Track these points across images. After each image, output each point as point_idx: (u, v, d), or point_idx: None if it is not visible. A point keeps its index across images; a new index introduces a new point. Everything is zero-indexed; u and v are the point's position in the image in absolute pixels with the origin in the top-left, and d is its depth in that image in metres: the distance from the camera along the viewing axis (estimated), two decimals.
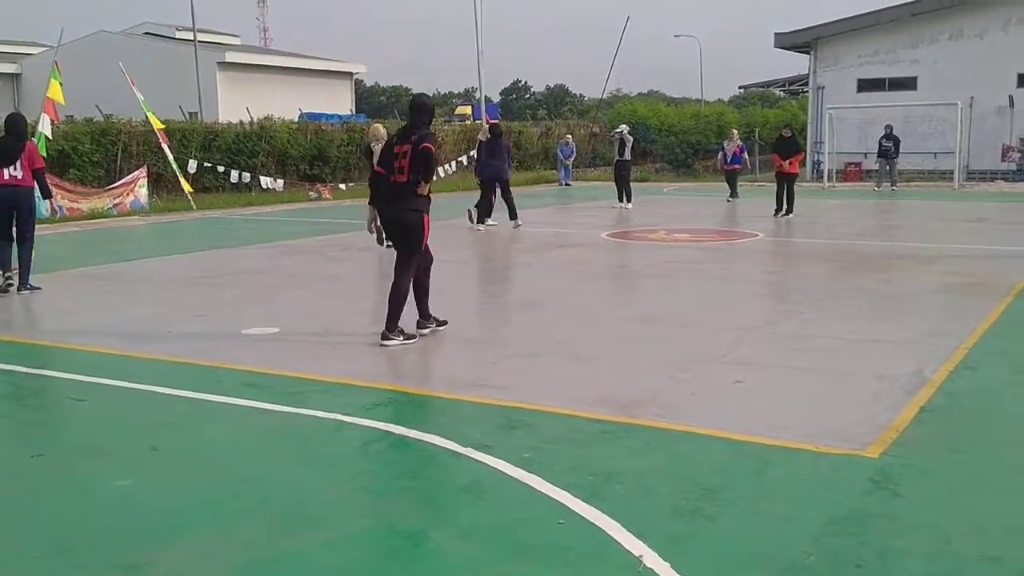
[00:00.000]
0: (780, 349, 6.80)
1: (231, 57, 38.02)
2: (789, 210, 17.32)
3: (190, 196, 20.23)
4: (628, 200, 19.94)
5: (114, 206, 18.87)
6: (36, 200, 10.08)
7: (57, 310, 8.89)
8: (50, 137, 17.04)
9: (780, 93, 52.74)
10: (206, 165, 21.98)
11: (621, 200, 19.94)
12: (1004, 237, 13.93)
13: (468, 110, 55.40)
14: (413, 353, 6.77)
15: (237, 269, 11.55)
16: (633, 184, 21.02)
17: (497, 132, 16.30)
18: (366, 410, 5.32)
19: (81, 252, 13.59)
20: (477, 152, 16.71)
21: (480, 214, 15.74)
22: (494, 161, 15.74)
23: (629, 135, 20.41)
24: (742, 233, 14.86)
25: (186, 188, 20.28)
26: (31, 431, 5.34)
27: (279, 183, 22.84)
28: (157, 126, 20.16)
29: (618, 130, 20.74)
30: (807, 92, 33.12)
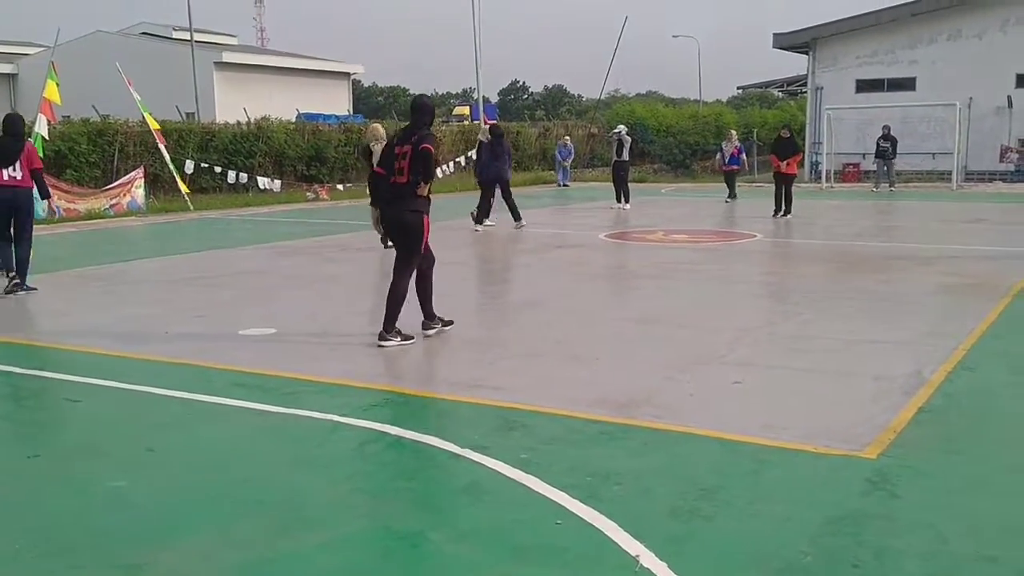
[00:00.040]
0: (778, 350, 6.79)
1: (228, 57, 37.98)
2: (787, 211, 17.33)
3: (187, 197, 20.20)
4: (626, 201, 19.93)
5: (111, 207, 18.85)
6: (34, 201, 10.08)
7: (54, 311, 8.88)
8: (46, 137, 17.00)
9: (778, 94, 52.83)
10: (203, 166, 21.95)
11: (619, 201, 19.92)
12: (1002, 238, 13.94)
13: (466, 111, 55.38)
14: (410, 354, 6.77)
15: (234, 270, 11.54)
16: (631, 185, 21.02)
17: (498, 133, 16.27)
18: (363, 411, 5.31)
19: (78, 253, 13.57)
20: (477, 153, 16.68)
21: (479, 215, 15.74)
22: (496, 163, 15.71)
23: (627, 136, 20.37)
24: (740, 234, 14.86)
25: (183, 189, 20.25)
26: (28, 432, 5.33)
27: (276, 184, 22.82)
28: (154, 126, 20.13)
29: (616, 131, 20.69)
30: (805, 93, 33.17)
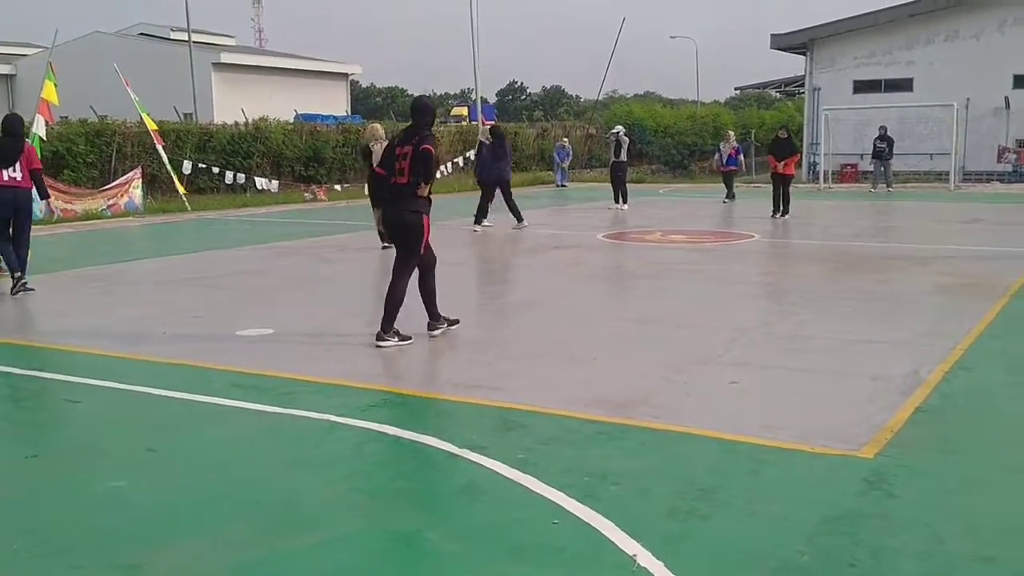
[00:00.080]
0: (776, 350, 6.80)
1: (226, 58, 37.99)
2: (785, 211, 17.35)
3: (185, 197, 20.19)
4: (624, 201, 19.93)
5: (108, 207, 18.84)
6: (33, 201, 10.07)
7: (52, 311, 8.87)
8: (44, 138, 16.96)
9: (776, 94, 52.77)
10: (201, 166, 21.93)
11: (617, 201, 19.93)
12: (1000, 238, 13.95)
13: (464, 111, 55.34)
14: (408, 354, 6.77)
15: (232, 270, 11.53)
16: (629, 185, 21.02)
17: (499, 134, 16.26)
18: (361, 411, 5.31)
19: (76, 253, 13.56)
20: (477, 154, 16.67)
21: (478, 216, 15.74)
22: (499, 164, 15.69)
23: (625, 136, 20.38)
24: (738, 234, 14.87)
25: (180, 189, 20.24)
26: (27, 432, 5.33)
27: (274, 184, 22.82)
28: (152, 127, 20.13)
29: (614, 131, 20.69)
30: (803, 93, 33.18)
